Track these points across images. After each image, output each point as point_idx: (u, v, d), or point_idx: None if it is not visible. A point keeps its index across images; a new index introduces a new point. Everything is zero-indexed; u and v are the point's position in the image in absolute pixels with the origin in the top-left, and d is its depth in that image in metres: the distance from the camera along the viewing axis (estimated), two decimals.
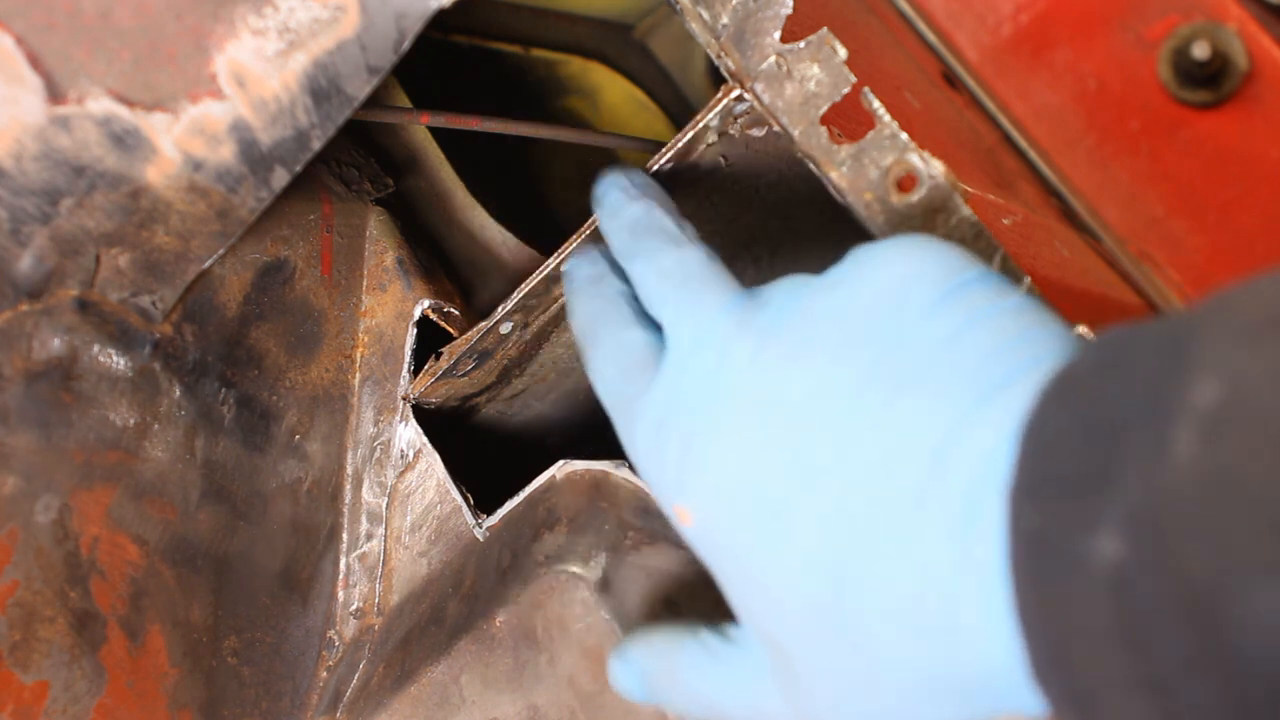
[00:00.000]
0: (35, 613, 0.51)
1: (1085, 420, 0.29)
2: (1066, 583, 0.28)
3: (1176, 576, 0.25)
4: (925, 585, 0.32)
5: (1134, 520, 0.27)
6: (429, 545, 0.61)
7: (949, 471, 0.32)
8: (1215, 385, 0.26)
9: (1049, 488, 0.29)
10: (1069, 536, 0.28)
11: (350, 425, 0.62)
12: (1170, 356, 0.28)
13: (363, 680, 0.60)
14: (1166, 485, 0.26)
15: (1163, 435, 0.27)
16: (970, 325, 0.34)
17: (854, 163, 0.43)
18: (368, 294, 0.63)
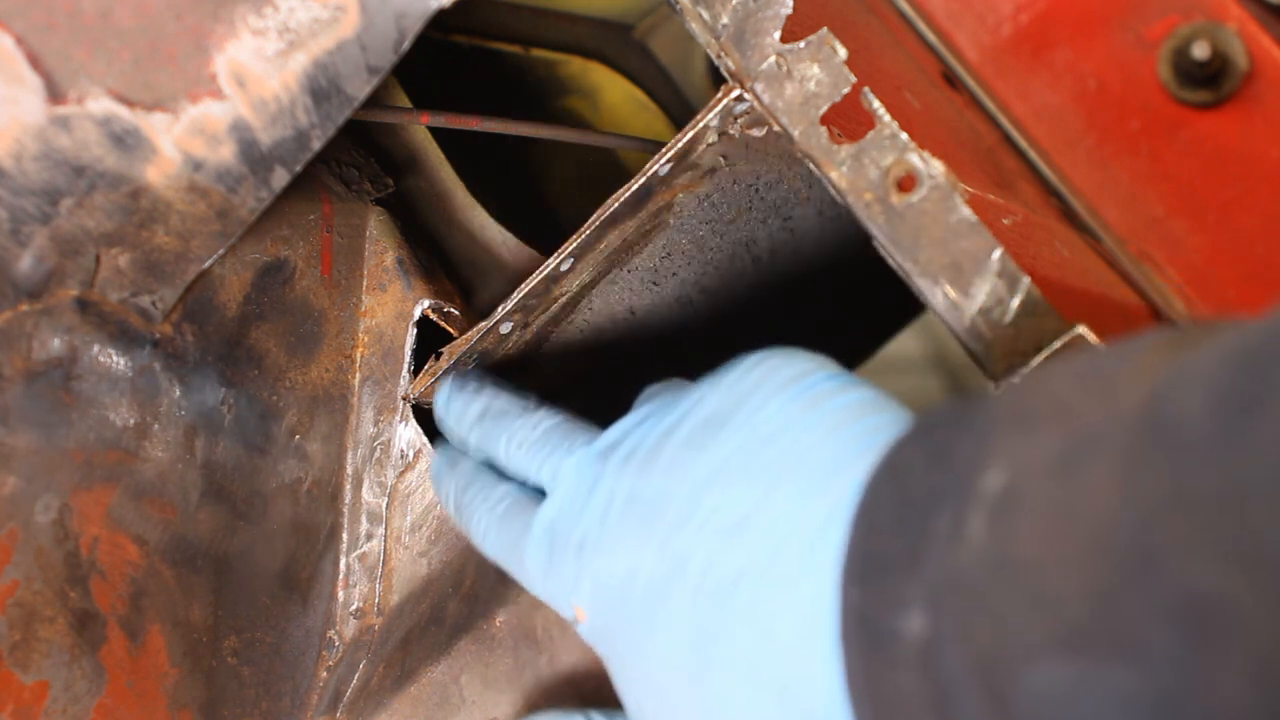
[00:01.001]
0: (35, 613, 0.51)
1: (901, 503, 0.32)
2: (882, 655, 0.30)
3: (970, 651, 0.28)
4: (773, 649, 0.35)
5: (935, 599, 0.29)
6: (429, 545, 0.61)
7: (788, 546, 0.35)
8: (999, 473, 0.29)
9: (869, 567, 0.32)
10: (884, 613, 0.31)
11: (350, 425, 0.62)
12: (973, 442, 0.31)
13: (363, 680, 0.60)
14: (959, 566, 0.29)
15: (959, 519, 0.29)
16: (808, 417, 0.38)
17: (854, 163, 0.43)
18: (368, 294, 0.63)
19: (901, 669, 0.30)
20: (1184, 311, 0.61)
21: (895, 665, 0.30)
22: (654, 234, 0.58)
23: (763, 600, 0.36)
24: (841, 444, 0.37)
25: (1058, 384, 0.31)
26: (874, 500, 0.33)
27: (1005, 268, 0.41)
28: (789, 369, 0.41)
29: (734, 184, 0.57)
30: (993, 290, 0.42)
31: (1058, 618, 0.26)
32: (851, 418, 0.38)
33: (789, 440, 0.38)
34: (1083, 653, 0.26)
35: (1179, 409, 0.26)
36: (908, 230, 0.43)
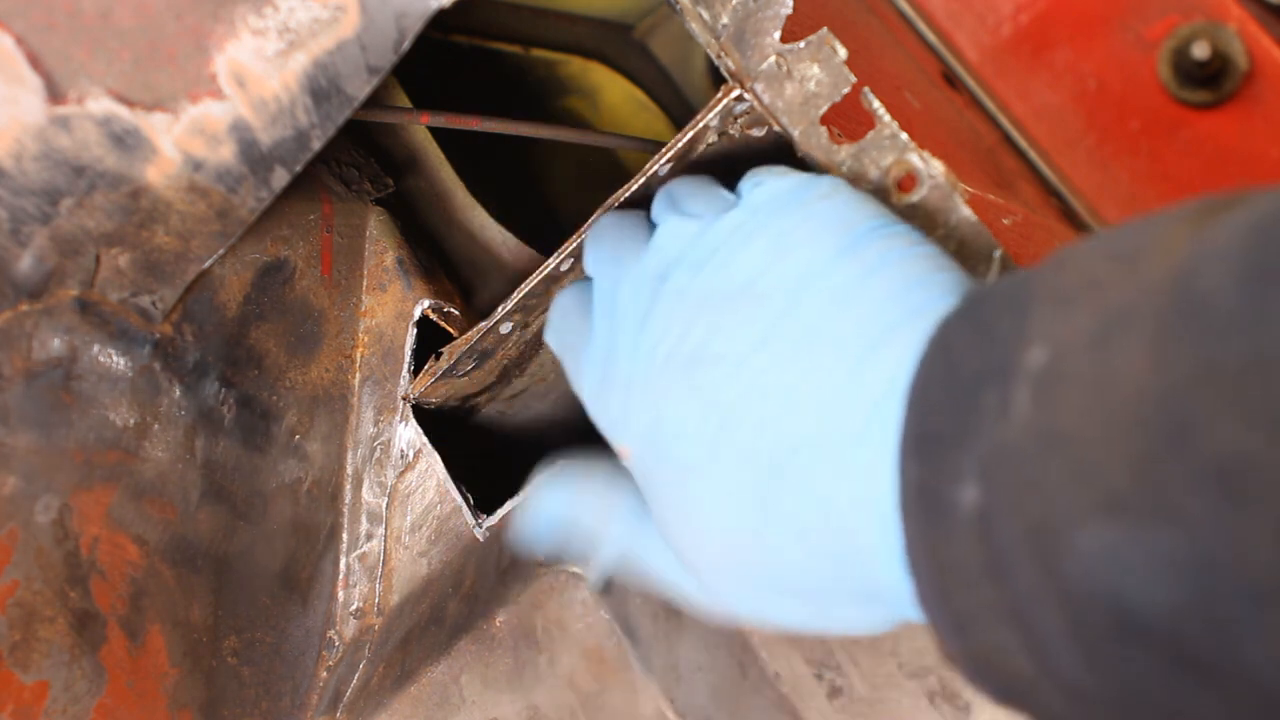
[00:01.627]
0: (35, 613, 0.51)
1: (951, 380, 0.33)
2: (941, 525, 0.32)
3: (1021, 520, 0.29)
4: (827, 520, 0.36)
5: (986, 472, 0.31)
6: (429, 545, 0.61)
7: (843, 419, 0.36)
8: (1041, 350, 0.30)
9: (924, 443, 0.33)
10: (941, 485, 0.32)
11: (350, 425, 0.62)
12: (1016, 319, 0.32)
13: (363, 680, 0.60)
14: (1007, 441, 0.30)
15: (1005, 395, 0.31)
16: (866, 275, 0.38)
17: (854, 163, 0.43)
18: (368, 294, 0.63)
19: (958, 538, 0.31)
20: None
21: (952, 535, 0.31)
22: None
23: (818, 470, 0.36)
24: (895, 307, 0.37)
25: (1091, 260, 0.31)
26: (926, 377, 0.34)
27: (1005, 268, 0.41)
28: (836, 214, 0.40)
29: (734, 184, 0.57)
30: None
31: (1100, 485, 0.28)
32: (904, 277, 0.38)
33: (843, 302, 0.38)
34: (1125, 517, 0.27)
35: (1204, 283, 0.27)
36: None
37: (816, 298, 0.38)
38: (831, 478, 0.36)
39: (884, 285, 0.38)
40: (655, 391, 0.41)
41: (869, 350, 0.36)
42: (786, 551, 0.37)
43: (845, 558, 0.36)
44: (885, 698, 0.53)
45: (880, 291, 0.38)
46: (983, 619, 0.31)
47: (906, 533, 0.33)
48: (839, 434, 0.36)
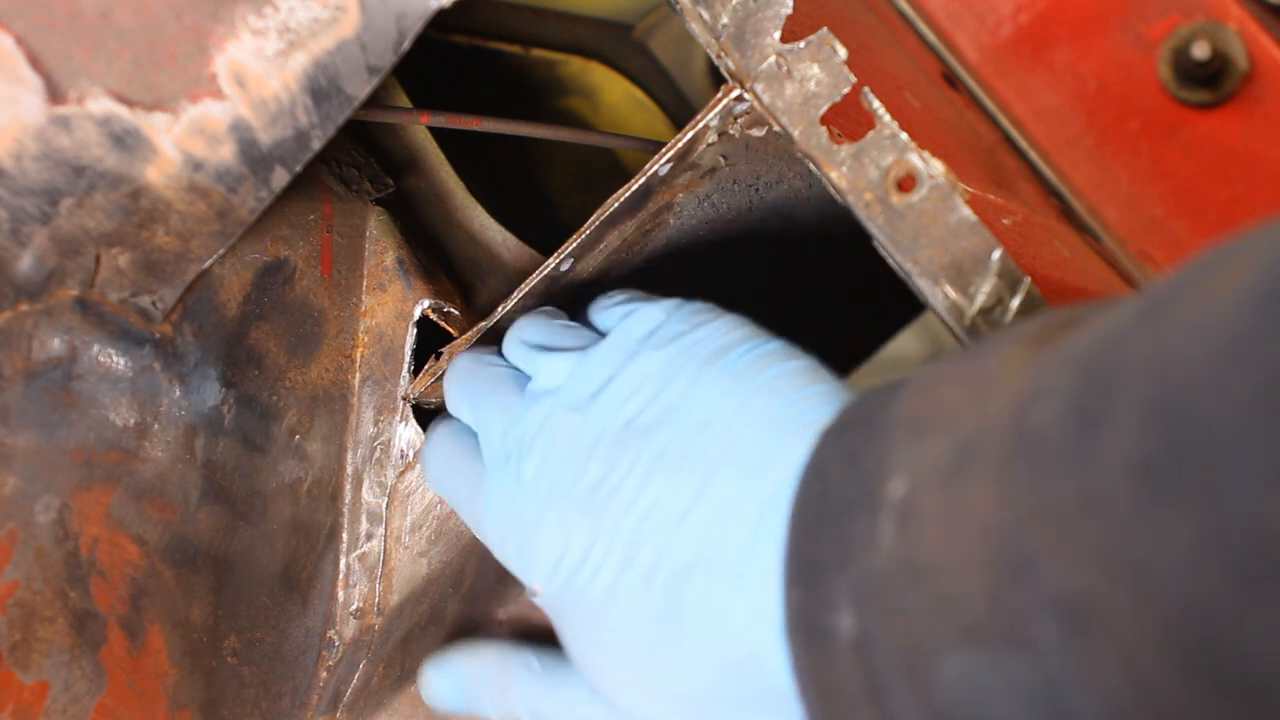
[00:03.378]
0: (35, 613, 0.51)
1: (826, 506, 0.34)
2: (821, 650, 0.33)
3: (893, 647, 0.31)
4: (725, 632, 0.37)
5: (859, 601, 0.32)
6: (429, 545, 0.61)
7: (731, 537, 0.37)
8: (901, 481, 0.32)
9: (803, 569, 0.34)
10: (820, 612, 0.33)
11: (350, 425, 0.62)
12: (880, 448, 0.33)
13: (363, 680, 0.60)
14: (876, 570, 0.31)
15: (873, 525, 0.32)
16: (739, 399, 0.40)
17: (854, 163, 0.43)
18: (368, 294, 0.63)
19: (839, 662, 0.32)
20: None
21: (834, 659, 0.32)
22: (654, 234, 0.58)
23: (712, 588, 0.38)
24: (772, 427, 0.39)
25: (947, 387, 0.33)
26: (803, 503, 0.35)
27: (1005, 268, 0.41)
28: (709, 343, 0.42)
29: (734, 184, 0.57)
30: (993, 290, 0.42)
31: (958, 615, 0.29)
32: (778, 396, 0.40)
33: (722, 426, 0.40)
34: (981, 646, 0.28)
35: (1037, 420, 0.28)
36: (908, 230, 0.43)
37: (700, 424, 0.40)
38: (724, 593, 0.37)
39: (762, 405, 0.39)
40: (558, 531, 0.43)
41: (752, 469, 0.38)
42: (691, 665, 0.39)
43: (747, 667, 0.37)
44: None
45: (759, 413, 0.39)
46: None
47: (793, 655, 0.34)
48: (727, 552, 0.37)
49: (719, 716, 0.39)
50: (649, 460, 0.41)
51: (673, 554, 0.39)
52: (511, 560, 0.46)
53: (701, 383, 0.41)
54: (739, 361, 0.41)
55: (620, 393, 0.43)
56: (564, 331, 0.48)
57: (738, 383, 0.40)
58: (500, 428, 0.47)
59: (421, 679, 0.52)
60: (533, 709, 0.47)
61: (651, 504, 0.40)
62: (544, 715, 0.47)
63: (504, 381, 0.49)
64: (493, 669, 0.49)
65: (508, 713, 0.49)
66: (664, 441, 0.41)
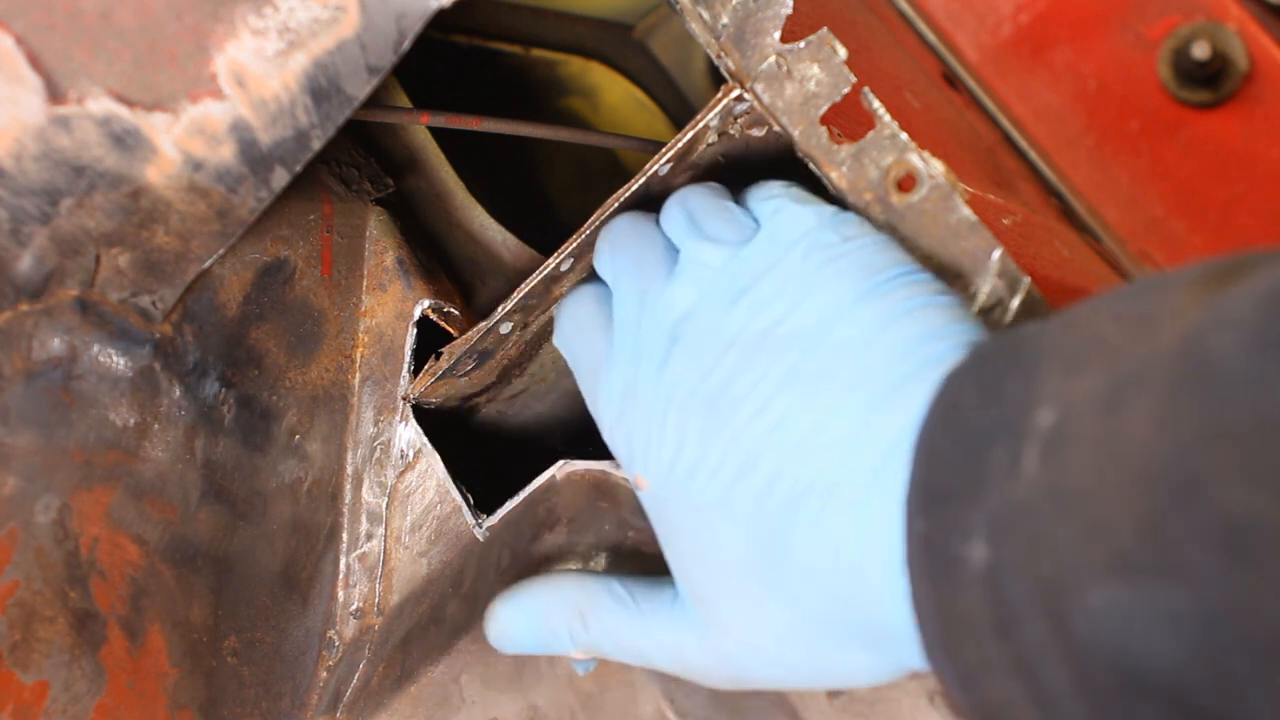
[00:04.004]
0: (35, 613, 0.51)
1: (959, 436, 0.34)
2: (948, 581, 0.32)
3: (1030, 578, 0.30)
4: (838, 560, 0.37)
5: (996, 529, 0.31)
6: (429, 545, 0.61)
7: (855, 465, 0.37)
8: (1050, 410, 0.31)
9: (932, 498, 0.34)
10: (949, 541, 0.32)
11: (350, 425, 0.62)
12: (1024, 378, 0.33)
13: (363, 680, 0.60)
14: (1017, 499, 0.31)
15: (1015, 453, 0.31)
16: (880, 325, 0.39)
17: (854, 163, 0.43)
18: (368, 294, 0.63)
19: (966, 594, 0.32)
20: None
21: (960, 590, 0.32)
22: None
23: (829, 515, 0.37)
24: (911, 357, 0.38)
25: (1100, 322, 0.32)
26: (933, 432, 0.35)
27: (1005, 268, 0.41)
28: (859, 259, 0.41)
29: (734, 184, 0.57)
30: (993, 290, 0.42)
31: (1109, 544, 0.28)
32: (921, 327, 0.39)
33: (860, 350, 0.39)
34: (1132, 575, 0.28)
35: (1215, 348, 0.28)
36: (908, 230, 0.43)
37: (837, 344, 0.39)
38: (842, 521, 0.37)
39: (903, 334, 0.39)
40: (677, 428, 0.42)
41: (884, 398, 0.37)
42: (798, 590, 0.38)
43: (854, 599, 0.37)
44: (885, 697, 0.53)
45: (899, 340, 0.38)
46: (990, 673, 0.31)
47: (913, 586, 0.34)
48: (850, 479, 0.37)
49: (819, 649, 0.39)
50: (781, 373, 0.40)
51: (792, 473, 0.38)
52: (619, 446, 0.45)
53: (845, 301, 0.40)
54: (885, 285, 0.40)
55: (762, 297, 0.42)
56: (723, 215, 0.46)
57: (881, 306, 0.39)
58: (636, 306, 0.46)
59: (489, 618, 0.49)
60: (617, 639, 0.45)
61: (778, 419, 0.39)
62: (629, 645, 0.45)
63: (653, 255, 0.47)
64: (572, 599, 0.47)
65: (589, 646, 0.46)
66: (798, 356, 0.40)
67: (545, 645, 0.48)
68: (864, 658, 0.38)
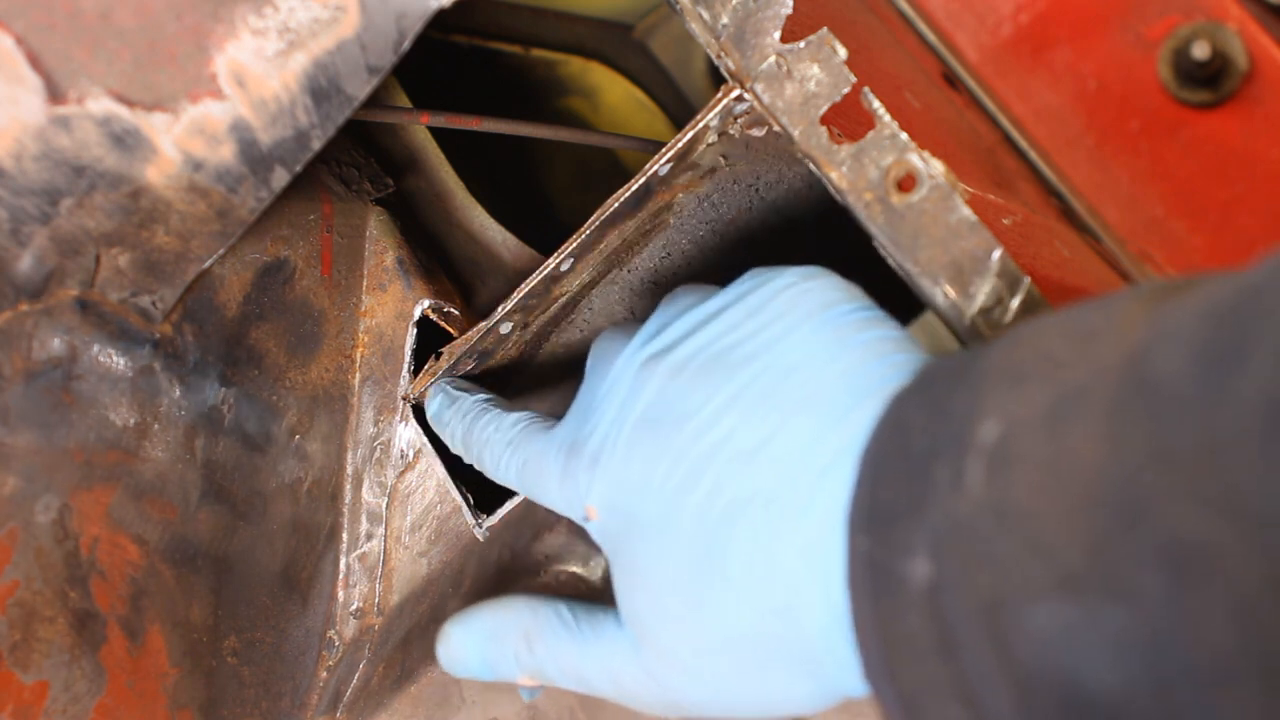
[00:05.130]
0: (35, 613, 0.51)
1: (905, 453, 0.33)
2: (890, 599, 0.32)
3: (972, 595, 0.29)
4: (773, 575, 0.36)
5: (939, 546, 0.31)
6: (429, 545, 0.61)
7: (797, 480, 0.36)
8: (994, 425, 0.31)
9: (875, 514, 0.33)
10: (891, 559, 0.32)
11: (350, 425, 0.62)
12: (969, 394, 0.32)
13: (363, 680, 0.60)
14: (960, 514, 0.30)
15: (958, 468, 0.31)
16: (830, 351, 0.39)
17: (854, 163, 0.43)
18: (368, 294, 0.63)
19: (908, 613, 0.31)
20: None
21: (902, 609, 0.31)
22: (654, 234, 0.58)
23: (769, 525, 0.37)
24: (859, 381, 0.38)
25: (1045, 339, 0.32)
26: (879, 450, 0.34)
27: (1005, 268, 0.41)
28: (817, 296, 0.41)
29: (734, 184, 0.57)
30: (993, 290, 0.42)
31: (1054, 563, 0.28)
32: (871, 355, 0.39)
33: (810, 373, 0.39)
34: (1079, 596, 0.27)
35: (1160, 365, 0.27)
36: (908, 230, 0.43)
37: (788, 366, 0.40)
38: (780, 535, 0.36)
39: (854, 359, 0.39)
40: (626, 446, 0.42)
41: (831, 418, 0.37)
42: (730, 605, 0.38)
43: (788, 616, 0.36)
44: None
45: (850, 365, 0.39)
46: (932, 696, 0.31)
47: (854, 605, 0.33)
48: (792, 493, 0.36)
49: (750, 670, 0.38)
50: (730, 393, 0.40)
51: (734, 486, 0.38)
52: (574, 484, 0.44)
53: (798, 331, 0.40)
54: (840, 316, 0.41)
55: (719, 326, 0.42)
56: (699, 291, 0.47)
57: (835, 334, 0.40)
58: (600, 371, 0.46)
59: (441, 639, 0.49)
60: (561, 663, 0.45)
61: (724, 436, 0.39)
62: (570, 669, 0.45)
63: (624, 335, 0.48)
64: (521, 622, 0.47)
65: (534, 670, 0.46)
66: (748, 378, 0.40)
67: (492, 669, 0.47)
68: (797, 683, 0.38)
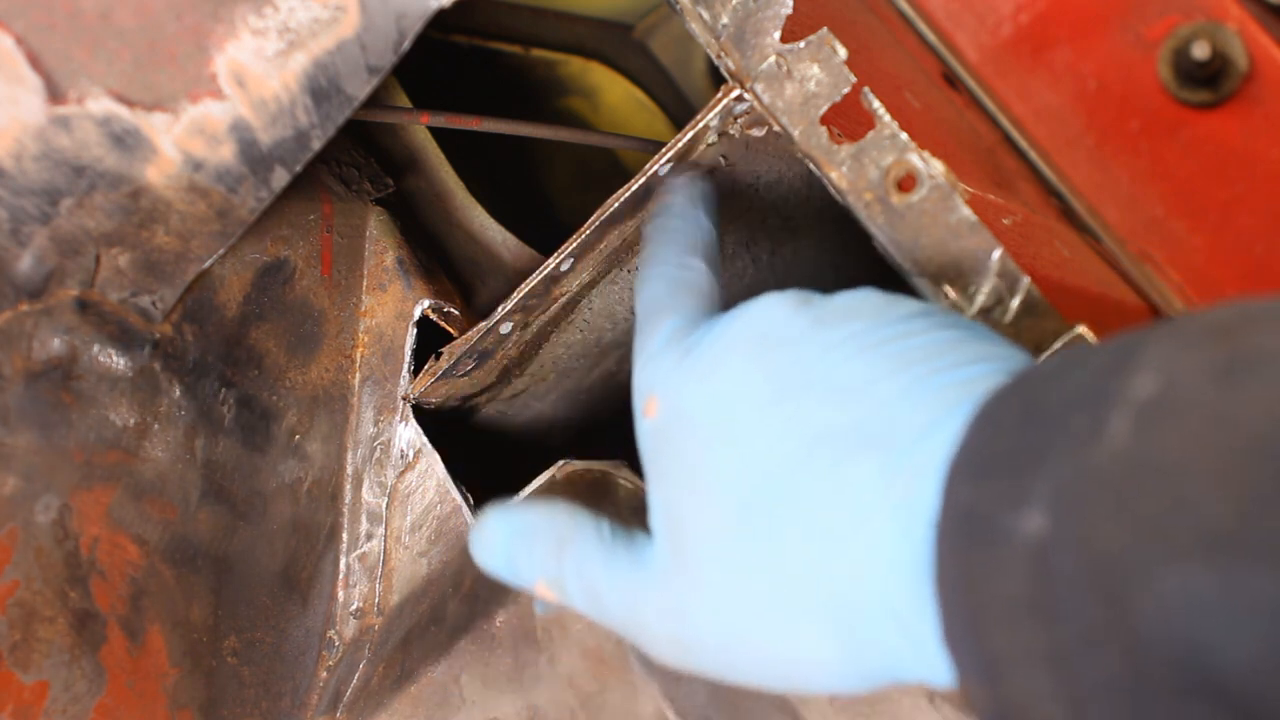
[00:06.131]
0: (35, 613, 0.51)
1: (1032, 407, 0.31)
2: (988, 555, 0.29)
3: (1092, 553, 0.27)
4: (851, 524, 0.34)
5: (1060, 498, 0.28)
6: (429, 545, 0.61)
7: (892, 428, 0.34)
8: (1152, 378, 0.28)
9: (987, 466, 0.31)
10: (997, 511, 0.30)
11: (350, 425, 0.62)
12: (1118, 356, 0.30)
13: (363, 680, 0.60)
14: (1094, 466, 0.28)
15: (1099, 421, 0.29)
16: (946, 325, 0.37)
17: (854, 163, 0.43)
18: (368, 294, 0.63)
19: (1008, 570, 0.29)
20: (1184, 312, 0.61)
21: (1000, 565, 0.29)
22: None
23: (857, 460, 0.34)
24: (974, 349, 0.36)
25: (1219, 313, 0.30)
26: (1000, 402, 0.32)
27: (1005, 268, 0.41)
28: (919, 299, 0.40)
29: (734, 184, 0.57)
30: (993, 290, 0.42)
31: (1199, 522, 0.26)
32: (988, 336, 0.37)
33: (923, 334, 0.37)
34: (1224, 560, 0.25)
35: None
36: (908, 230, 0.43)
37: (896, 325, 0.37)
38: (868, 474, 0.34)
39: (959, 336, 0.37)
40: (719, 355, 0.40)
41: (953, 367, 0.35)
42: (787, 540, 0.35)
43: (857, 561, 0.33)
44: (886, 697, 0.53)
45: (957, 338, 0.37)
46: (1019, 662, 0.29)
47: (941, 559, 0.31)
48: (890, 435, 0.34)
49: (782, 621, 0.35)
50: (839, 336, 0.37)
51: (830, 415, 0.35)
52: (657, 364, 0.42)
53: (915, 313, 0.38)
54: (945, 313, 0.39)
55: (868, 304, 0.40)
56: None
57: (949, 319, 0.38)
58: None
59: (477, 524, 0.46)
60: (584, 578, 0.42)
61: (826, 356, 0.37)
62: (591, 588, 0.41)
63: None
64: (556, 525, 0.43)
65: (555, 578, 0.43)
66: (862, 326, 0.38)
67: (514, 568, 0.44)
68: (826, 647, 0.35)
